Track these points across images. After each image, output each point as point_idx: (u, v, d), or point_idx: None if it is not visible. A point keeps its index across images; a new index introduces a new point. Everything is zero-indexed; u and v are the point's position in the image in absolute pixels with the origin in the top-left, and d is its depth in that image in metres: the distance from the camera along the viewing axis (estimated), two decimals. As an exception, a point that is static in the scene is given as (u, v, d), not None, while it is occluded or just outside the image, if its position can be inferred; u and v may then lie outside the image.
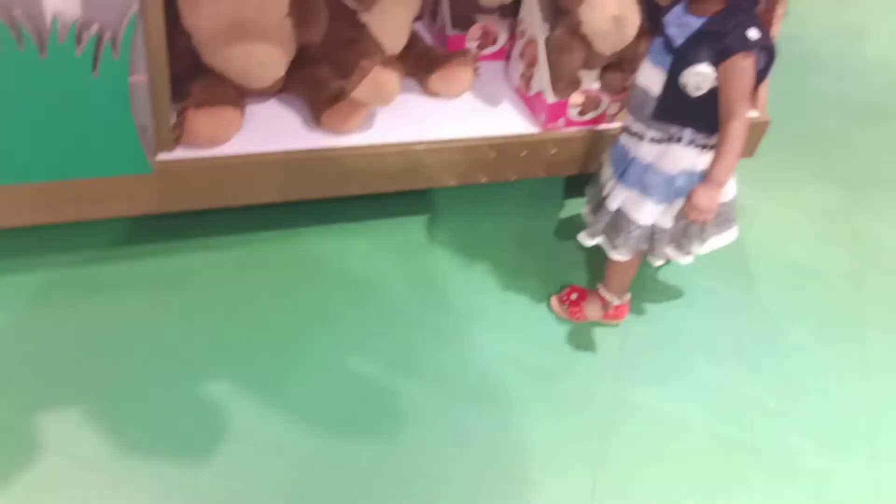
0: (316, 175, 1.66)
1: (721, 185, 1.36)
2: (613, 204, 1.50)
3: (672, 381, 1.63)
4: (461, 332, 1.62)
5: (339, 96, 1.66)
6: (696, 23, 1.32)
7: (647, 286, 1.82)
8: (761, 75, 1.33)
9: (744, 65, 1.29)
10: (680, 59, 1.33)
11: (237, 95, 1.65)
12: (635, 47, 1.85)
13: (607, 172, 1.56)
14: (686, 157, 1.42)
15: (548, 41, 1.81)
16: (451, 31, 1.98)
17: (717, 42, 1.29)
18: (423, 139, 1.71)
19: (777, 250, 2.04)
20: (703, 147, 1.42)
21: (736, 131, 1.31)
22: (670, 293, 1.83)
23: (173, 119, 1.52)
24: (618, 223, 1.51)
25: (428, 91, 1.86)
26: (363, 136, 1.70)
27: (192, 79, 1.62)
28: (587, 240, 1.58)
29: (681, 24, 1.34)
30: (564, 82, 1.81)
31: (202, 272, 1.64)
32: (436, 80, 1.83)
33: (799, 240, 2.10)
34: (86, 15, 1.27)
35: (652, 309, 1.78)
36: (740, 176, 2.22)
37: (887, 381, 1.72)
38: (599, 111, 1.86)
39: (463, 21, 1.99)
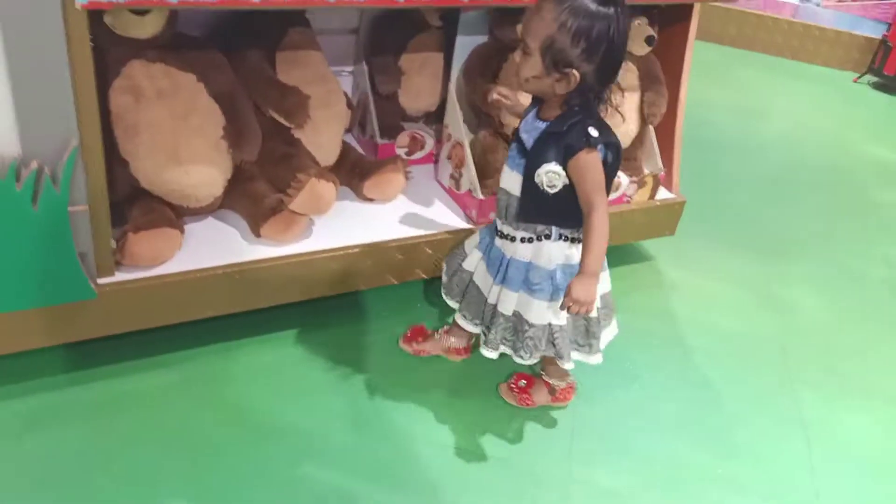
0: (258, 286, 1.70)
1: (595, 275, 1.39)
2: (508, 309, 1.53)
3: (623, 458, 1.67)
4: (412, 430, 1.64)
5: (276, 208, 1.72)
6: (542, 126, 1.41)
7: (590, 366, 1.88)
8: (611, 170, 1.42)
9: (589, 160, 1.36)
10: (532, 160, 1.41)
11: (176, 216, 1.69)
12: (553, 144, 2.00)
13: (486, 280, 1.58)
14: (559, 251, 1.48)
15: (473, 143, 1.94)
16: (380, 140, 2.09)
17: (561, 142, 1.37)
18: (361, 242, 1.78)
19: (707, 321, 2.14)
20: (573, 240, 1.48)
21: (598, 222, 1.38)
22: (613, 371, 1.89)
23: (113, 244, 1.54)
24: (515, 326, 1.54)
25: (363, 197, 1.94)
26: (302, 244, 1.75)
27: (131, 203, 1.67)
28: (490, 353, 1.58)
29: (531, 129, 1.43)
30: (492, 179, 1.92)
31: (147, 393, 1.62)
32: (370, 186, 1.91)
33: (725, 310, 2.21)
34: (25, 151, 1.31)
35: (597, 388, 1.84)
36: (665, 253, 2.39)
37: (822, 437, 1.80)
38: (526, 204, 1.97)
39: (391, 130, 2.11)
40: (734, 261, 2.45)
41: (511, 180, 1.46)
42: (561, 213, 1.44)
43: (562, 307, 1.40)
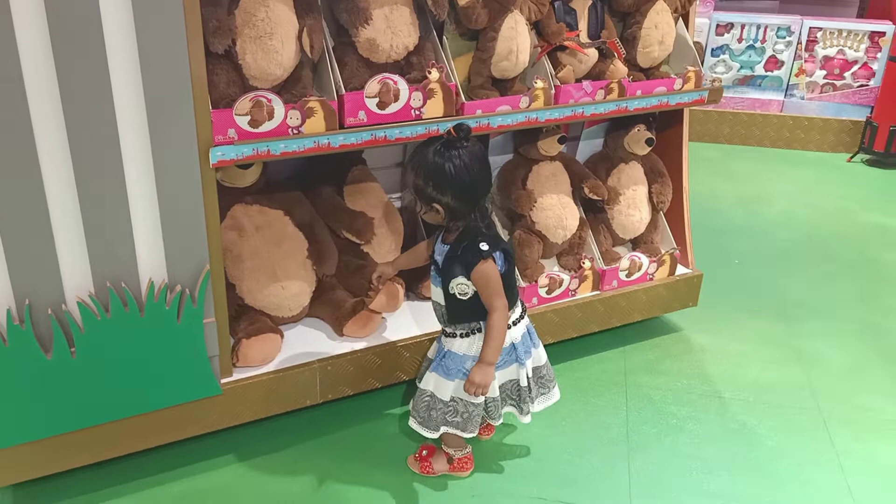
0: (345, 376, 2.01)
1: (491, 364, 1.67)
2: (446, 395, 1.76)
3: (679, 494, 1.89)
4: (498, 485, 1.89)
5: (355, 310, 2.07)
6: (445, 249, 1.71)
7: (637, 420, 2.13)
8: (510, 268, 1.70)
9: (485, 270, 1.64)
10: (444, 276, 1.70)
11: (275, 324, 2.04)
12: (580, 234, 2.36)
13: (430, 380, 1.80)
14: None
15: (510, 241, 2.29)
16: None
17: (461, 260, 1.65)
18: (427, 332, 2.10)
19: (737, 377, 2.39)
20: None
21: (495, 322, 1.66)
22: (659, 425, 2.14)
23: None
24: (456, 408, 1.76)
25: (421, 296, 2.28)
26: (378, 337, 2.08)
27: (237, 318, 2.02)
28: (430, 434, 1.79)
29: (440, 252, 1.73)
30: (531, 270, 2.26)
31: (268, 469, 1.91)
32: (427, 286, 2.25)
33: (754, 365, 2.45)
34: (170, 276, 1.69)
35: (647, 438, 2.08)
36: (691, 323, 2.66)
37: (857, 464, 2.00)
38: (563, 288, 2.30)
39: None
40: (757, 324, 2.71)
41: (436, 294, 1.76)
42: (482, 310, 1.69)
43: (465, 390, 1.69)
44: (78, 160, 1.51)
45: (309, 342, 2.06)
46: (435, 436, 1.82)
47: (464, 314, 1.73)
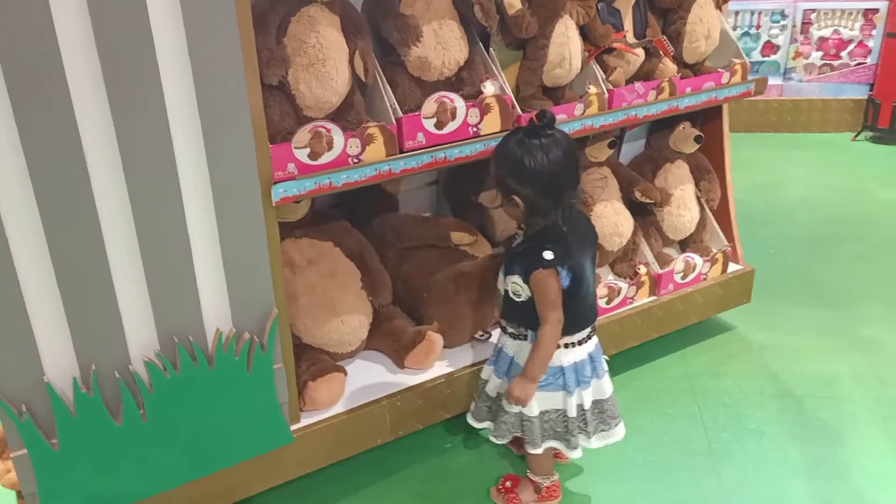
0: (415, 410, 1.91)
1: (534, 380, 1.58)
2: (493, 391, 1.72)
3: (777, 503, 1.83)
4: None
5: (416, 340, 1.97)
6: (518, 241, 1.64)
7: (715, 427, 2.06)
8: (573, 286, 1.56)
9: (543, 278, 1.52)
10: (505, 269, 1.63)
11: (334, 361, 1.94)
12: (633, 240, 2.28)
13: (487, 371, 1.77)
14: None
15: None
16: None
17: (523, 259, 1.57)
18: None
19: (803, 372, 2.32)
20: None
21: (544, 336, 1.56)
22: (741, 431, 2.07)
23: (296, 394, 1.78)
24: (493, 409, 1.73)
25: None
26: (441, 367, 1.98)
27: (297, 360, 1.91)
28: (473, 420, 1.80)
29: (513, 242, 1.66)
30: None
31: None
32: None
33: (816, 357, 2.39)
34: (237, 323, 1.58)
35: (729, 445, 2.01)
36: (742, 319, 2.59)
37: (947, 452, 1.95)
38: (621, 297, 2.22)
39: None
40: (808, 314, 2.64)
41: (499, 281, 1.68)
42: (534, 320, 1.59)
43: (507, 398, 1.61)
44: (138, 212, 1.40)
45: (370, 378, 1.96)
46: (470, 420, 1.79)
47: (514, 315, 1.65)
